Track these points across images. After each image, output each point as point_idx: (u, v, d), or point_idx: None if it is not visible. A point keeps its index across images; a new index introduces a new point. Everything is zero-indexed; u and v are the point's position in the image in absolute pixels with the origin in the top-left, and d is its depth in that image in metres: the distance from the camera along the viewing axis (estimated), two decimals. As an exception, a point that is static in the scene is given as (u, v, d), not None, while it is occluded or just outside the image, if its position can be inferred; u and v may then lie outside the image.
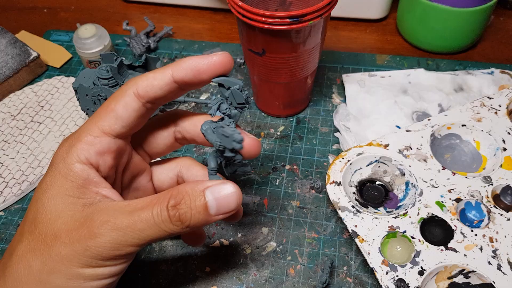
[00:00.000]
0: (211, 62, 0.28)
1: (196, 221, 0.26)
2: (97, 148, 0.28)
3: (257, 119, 0.50)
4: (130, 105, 0.28)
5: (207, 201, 0.26)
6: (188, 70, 0.28)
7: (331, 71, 0.54)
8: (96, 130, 0.28)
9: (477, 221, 0.36)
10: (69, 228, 0.26)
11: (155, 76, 0.28)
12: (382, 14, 0.60)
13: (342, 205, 0.38)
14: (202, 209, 0.26)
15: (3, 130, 0.50)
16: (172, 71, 0.28)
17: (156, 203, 0.26)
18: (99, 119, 0.28)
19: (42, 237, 0.26)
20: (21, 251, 0.27)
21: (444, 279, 0.35)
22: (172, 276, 0.39)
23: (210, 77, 0.29)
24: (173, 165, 0.35)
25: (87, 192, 0.27)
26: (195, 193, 0.26)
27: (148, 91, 0.28)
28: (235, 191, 0.27)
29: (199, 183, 0.27)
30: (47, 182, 0.27)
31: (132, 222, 0.25)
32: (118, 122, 0.28)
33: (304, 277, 0.38)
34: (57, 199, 0.27)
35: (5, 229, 0.43)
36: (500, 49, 0.56)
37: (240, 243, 0.40)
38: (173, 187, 0.27)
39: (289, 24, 0.36)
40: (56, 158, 0.28)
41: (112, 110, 0.28)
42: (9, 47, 0.55)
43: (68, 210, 0.26)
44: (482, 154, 0.42)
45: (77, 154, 0.27)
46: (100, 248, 0.25)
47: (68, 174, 0.27)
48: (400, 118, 0.47)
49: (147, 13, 0.65)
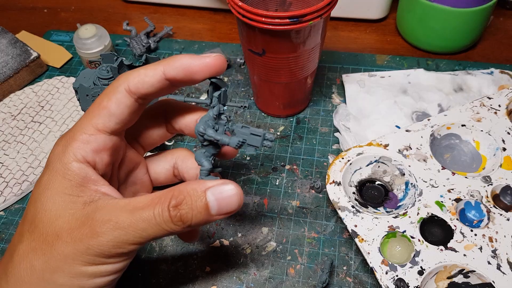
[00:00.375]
0: (204, 63, 0.28)
1: (197, 221, 0.27)
2: (92, 146, 0.28)
3: (257, 119, 0.50)
4: (122, 101, 0.28)
5: (209, 201, 0.26)
6: (180, 69, 0.28)
7: (331, 71, 0.54)
8: (90, 128, 0.28)
9: (476, 221, 0.37)
10: (70, 227, 0.26)
11: (147, 73, 0.28)
12: (382, 14, 0.60)
13: (342, 205, 0.38)
14: (203, 209, 0.26)
15: (3, 130, 0.50)
16: (164, 69, 0.28)
17: (158, 203, 0.26)
18: (93, 116, 0.28)
19: (44, 237, 0.26)
20: (22, 251, 0.27)
21: (444, 279, 0.35)
22: (172, 275, 0.39)
23: (202, 78, 0.29)
24: (168, 156, 0.35)
25: (86, 190, 0.27)
26: (196, 194, 0.26)
27: (140, 88, 0.28)
28: (236, 192, 0.27)
29: (200, 183, 0.27)
30: (44, 182, 0.27)
31: (134, 222, 0.26)
32: (111, 119, 0.28)
33: (304, 276, 0.38)
34: (56, 198, 0.27)
35: (5, 229, 0.43)
36: (500, 49, 0.56)
37: (240, 243, 0.40)
38: (173, 187, 0.27)
39: (289, 24, 0.36)
40: (52, 157, 0.28)
41: (105, 107, 0.28)
42: (10, 47, 0.55)
43: (69, 208, 0.26)
44: (482, 154, 0.42)
45: (73, 153, 0.27)
46: (103, 247, 0.26)
47: (66, 173, 0.27)
48: (400, 118, 0.47)
49: (147, 13, 0.65)
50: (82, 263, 0.26)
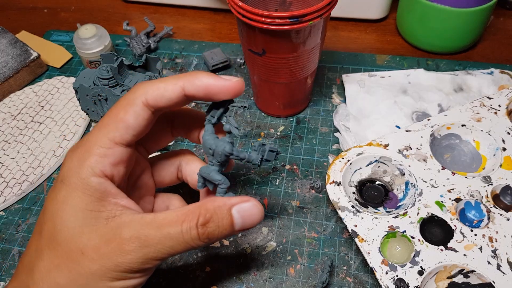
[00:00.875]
0: (225, 86, 0.28)
1: (221, 236, 0.28)
2: (111, 160, 0.28)
3: (257, 119, 0.50)
4: (140, 114, 0.28)
5: (234, 218, 0.28)
6: (201, 88, 0.28)
7: (331, 71, 0.54)
8: (107, 141, 0.28)
9: (476, 221, 0.37)
10: (95, 244, 0.26)
11: (166, 88, 0.28)
12: (382, 14, 0.60)
13: (342, 205, 0.38)
14: (228, 226, 0.28)
15: (3, 130, 0.50)
16: (184, 86, 0.28)
17: (185, 220, 0.27)
18: (109, 130, 0.28)
19: (67, 254, 0.26)
20: (44, 268, 0.26)
21: (444, 279, 0.35)
22: (172, 276, 0.39)
23: (220, 99, 0.29)
24: (172, 159, 0.35)
25: (106, 205, 0.27)
26: (222, 212, 0.28)
27: (158, 102, 0.28)
28: (259, 209, 0.29)
29: (225, 201, 0.28)
30: (62, 198, 0.27)
31: (162, 239, 0.26)
32: (129, 132, 0.28)
33: (304, 276, 0.38)
34: (78, 214, 0.26)
35: (5, 229, 0.43)
36: (500, 49, 0.56)
37: (240, 243, 0.40)
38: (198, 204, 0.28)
39: (289, 24, 0.36)
40: (67, 172, 0.27)
41: (122, 120, 0.28)
42: (10, 47, 0.55)
43: (91, 225, 0.26)
44: (482, 154, 0.42)
45: (91, 168, 0.27)
46: (132, 264, 0.26)
47: (85, 188, 0.27)
48: (400, 118, 0.47)
49: (147, 13, 0.65)
50: (109, 279, 0.26)
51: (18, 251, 0.41)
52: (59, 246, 0.26)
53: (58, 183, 0.28)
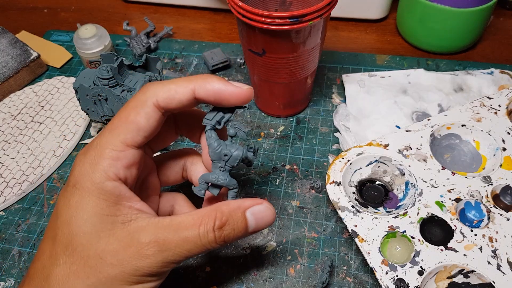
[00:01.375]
0: (235, 93, 0.28)
1: (236, 238, 0.29)
2: (123, 162, 0.27)
3: (257, 119, 0.50)
4: (152, 115, 0.28)
5: (248, 221, 0.29)
6: (212, 93, 0.28)
7: (331, 71, 0.54)
8: (118, 144, 0.27)
9: (476, 221, 0.37)
10: (114, 249, 0.26)
11: (177, 90, 0.28)
12: (382, 14, 0.60)
13: (342, 205, 0.38)
14: (243, 228, 0.29)
15: (3, 130, 0.50)
16: (196, 89, 0.28)
17: (202, 224, 0.27)
18: (120, 132, 0.28)
19: (85, 260, 0.26)
20: (61, 275, 0.26)
21: (444, 279, 0.35)
22: (172, 275, 0.39)
23: (229, 105, 0.29)
24: (178, 158, 0.35)
25: (122, 209, 0.27)
26: (237, 215, 0.28)
27: (169, 103, 0.28)
28: (271, 211, 0.30)
29: (240, 203, 0.29)
30: (75, 203, 0.27)
31: (180, 242, 0.27)
32: (140, 133, 0.28)
33: (304, 276, 0.38)
34: (93, 219, 0.26)
35: (5, 229, 0.43)
36: (500, 49, 0.56)
37: (240, 243, 0.40)
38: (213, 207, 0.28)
39: (289, 24, 0.36)
40: (79, 177, 0.27)
41: (133, 121, 0.28)
42: (10, 47, 0.55)
43: (108, 229, 0.26)
44: (482, 154, 0.42)
45: (104, 172, 0.27)
46: (151, 268, 0.26)
47: (100, 193, 0.27)
48: (400, 118, 0.47)
49: (147, 13, 0.65)
50: (128, 284, 0.26)
51: (18, 251, 0.41)
52: (75, 251, 0.26)
53: (70, 187, 0.27)
